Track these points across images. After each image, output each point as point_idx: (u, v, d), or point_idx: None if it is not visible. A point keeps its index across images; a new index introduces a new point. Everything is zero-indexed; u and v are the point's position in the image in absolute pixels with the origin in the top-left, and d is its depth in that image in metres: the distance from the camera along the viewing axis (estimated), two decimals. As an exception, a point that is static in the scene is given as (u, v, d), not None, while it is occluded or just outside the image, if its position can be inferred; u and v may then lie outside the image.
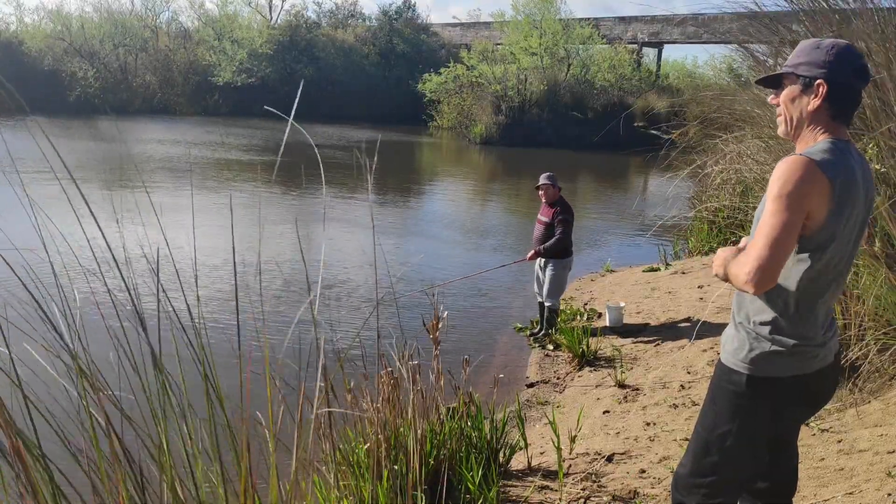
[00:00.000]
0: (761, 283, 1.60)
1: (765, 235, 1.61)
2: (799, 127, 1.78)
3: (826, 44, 1.74)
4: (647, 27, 30.95)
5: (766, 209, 1.64)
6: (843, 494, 2.68)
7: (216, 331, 5.06)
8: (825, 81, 1.71)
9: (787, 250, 1.62)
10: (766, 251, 1.59)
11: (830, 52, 1.71)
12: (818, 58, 1.73)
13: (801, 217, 1.62)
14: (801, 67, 1.76)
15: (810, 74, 1.73)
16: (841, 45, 1.73)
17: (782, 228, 1.59)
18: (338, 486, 2.46)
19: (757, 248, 1.61)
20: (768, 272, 1.59)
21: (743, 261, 1.65)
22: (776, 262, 1.59)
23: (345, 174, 14.55)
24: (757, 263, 1.59)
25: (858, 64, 1.71)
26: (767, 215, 1.63)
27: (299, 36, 34.47)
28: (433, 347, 2.90)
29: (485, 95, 26.58)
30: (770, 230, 1.60)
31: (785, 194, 1.61)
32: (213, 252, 7.90)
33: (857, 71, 1.71)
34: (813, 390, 1.84)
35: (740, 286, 1.67)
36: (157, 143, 20.14)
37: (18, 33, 33.06)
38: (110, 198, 10.50)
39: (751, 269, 1.60)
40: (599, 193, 16.62)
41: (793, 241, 1.62)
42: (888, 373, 3.57)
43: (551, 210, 5.89)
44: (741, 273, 1.63)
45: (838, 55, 1.71)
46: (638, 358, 5.38)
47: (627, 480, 3.13)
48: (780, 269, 1.61)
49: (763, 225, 1.63)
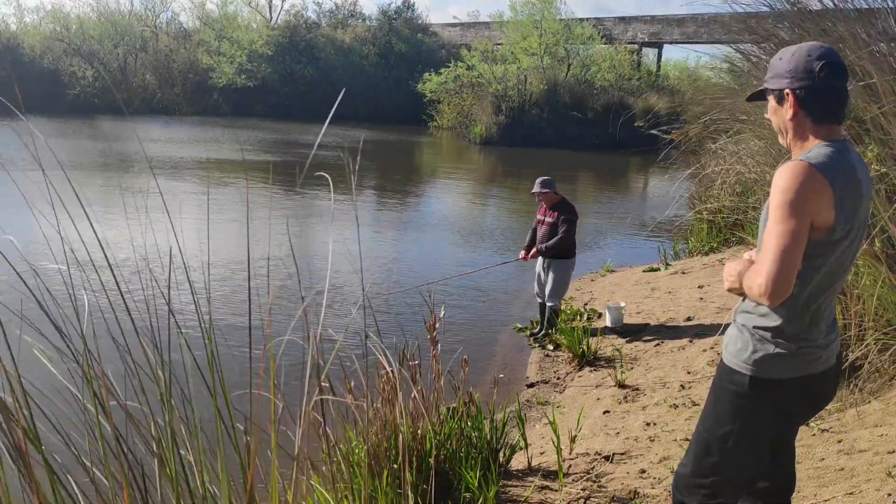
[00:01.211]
0: (777, 295, 1.59)
1: (773, 246, 1.60)
2: (789, 136, 1.79)
3: (788, 52, 1.75)
4: (647, 27, 30.94)
5: (771, 219, 1.63)
6: (843, 494, 2.68)
7: (217, 331, 5.05)
8: (791, 90, 1.72)
9: (797, 258, 1.61)
10: (777, 262, 1.58)
11: (791, 60, 1.72)
12: (781, 68, 1.74)
13: (807, 222, 1.61)
14: (771, 81, 1.78)
15: (779, 87, 1.75)
16: (802, 49, 1.72)
17: (789, 237, 1.59)
18: (336, 486, 2.46)
19: (767, 260, 1.60)
20: (782, 283, 1.58)
21: (755, 273, 1.63)
22: (788, 272, 1.59)
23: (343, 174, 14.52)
24: (770, 275, 1.58)
25: (824, 62, 1.68)
26: (773, 225, 1.62)
27: (299, 36, 34.46)
28: (431, 347, 2.90)
29: (485, 95, 26.59)
30: (777, 240, 1.59)
31: (787, 202, 1.60)
32: (214, 250, 7.89)
33: (824, 69, 1.68)
34: (815, 392, 1.84)
35: (756, 299, 1.66)
36: (168, 143, 20.12)
37: (18, 33, 33.05)
38: (122, 199, 10.50)
39: (764, 281, 1.59)
40: (599, 193, 16.62)
41: (801, 248, 1.61)
42: (888, 373, 3.57)
43: (555, 212, 5.87)
44: (755, 286, 1.62)
45: (798, 61, 1.70)
46: (638, 358, 5.38)
47: (627, 480, 3.13)
48: (793, 277, 1.60)
49: (770, 235, 1.62)
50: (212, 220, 8.80)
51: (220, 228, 9.09)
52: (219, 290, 6.75)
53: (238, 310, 6.12)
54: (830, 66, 1.68)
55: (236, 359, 1.59)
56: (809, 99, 1.70)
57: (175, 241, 1.65)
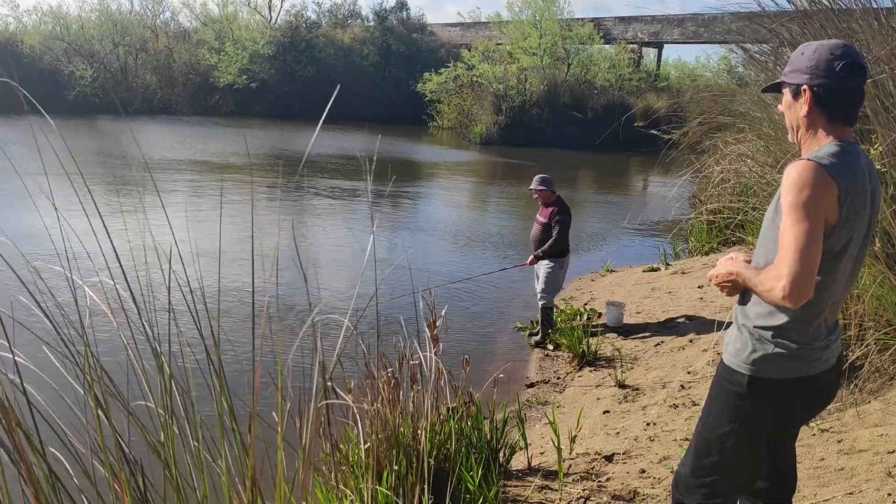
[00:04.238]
0: (800, 296, 1.58)
1: (792, 248, 1.58)
2: (800, 133, 1.78)
3: (810, 48, 1.73)
4: (647, 27, 30.92)
5: (785, 221, 1.61)
6: (843, 494, 2.68)
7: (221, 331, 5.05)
8: (808, 87, 1.70)
9: (817, 258, 1.59)
10: (798, 264, 1.56)
11: (812, 57, 1.70)
12: (802, 64, 1.73)
13: (822, 221, 1.60)
14: (790, 75, 1.76)
15: (797, 82, 1.74)
16: (824, 46, 1.70)
17: (807, 237, 1.57)
18: (338, 485, 2.46)
19: (787, 262, 1.58)
20: (804, 284, 1.57)
21: (775, 277, 1.61)
22: (809, 273, 1.57)
23: (344, 175, 14.52)
24: (791, 277, 1.56)
25: (844, 63, 1.66)
26: (788, 227, 1.60)
27: (299, 37, 34.47)
28: (431, 346, 2.90)
29: (485, 95, 26.59)
30: (795, 241, 1.57)
31: (802, 203, 1.59)
32: (211, 249, 7.88)
33: (844, 69, 1.66)
34: (814, 392, 1.84)
35: (777, 302, 1.63)
36: (175, 143, 20.11)
37: (17, 34, 33.03)
38: (119, 199, 10.50)
39: (786, 283, 1.57)
40: (599, 193, 16.61)
41: (819, 247, 1.59)
42: (888, 373, 3.57)
43: (548, 210, 5.92)
44: (777, 288, 1.60)
45: (819, 58, 1.69)
46: (638, 358, 5.38)
47: (627, 480, 3.13)
48: (814, 278, 1.58)
49: (786, 237, 1.60)
50: (214, 217, 8.78)
51: (226, 227, 9.07)
52: (225, 297, 6.75)
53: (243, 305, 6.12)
54: (851, 67, 1.67)
55: (241, 358, 1.59)
56: (826, 97, 1.69)
57: (182, 234, 1.65)
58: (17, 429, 1.30)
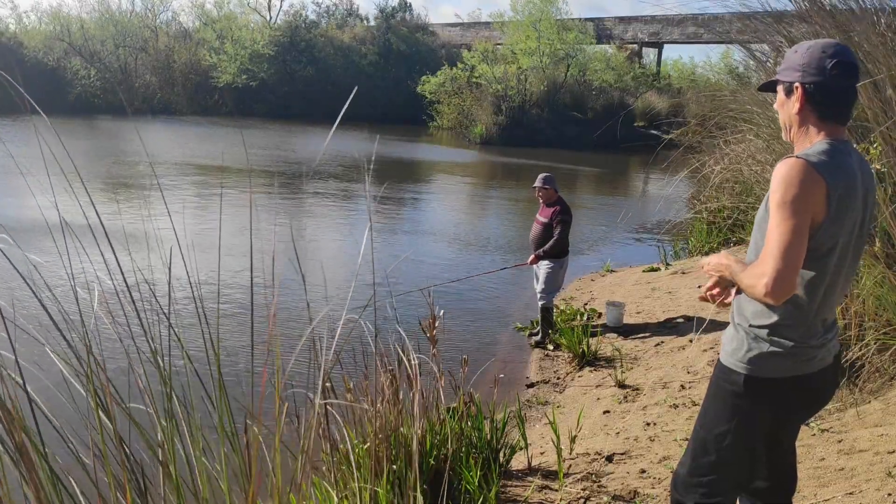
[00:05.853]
0: (781, 293, 1.59)
1: (776, 244, 1.59)
2: (792, 131, 1.79)
3: (803, 46, 1.74)
4: (647, 27, 30.95)
5: (772, 218, 1.62)
6: (843, 494, 2.68)
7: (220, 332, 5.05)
8: (800, 84, 1.71)
9: (801, 255, 1.60)
10: (780, 261, 1.57)
11: (805, 55, 1.71)
12: (795, 62, 1.74)
13: (808, 219, 1.61)
14: (783, 73, 1.78)
15: (790, 79, 1.75)
16: (817, 45, 1.71)
17: (792, 234, 1.58)
18: (337, 486, 2.46)
19: (771, 259, 1.59)
20: (787, 281, 1.58)
21: (758, 273, 1.62)
22: (792, 270, 1.58)
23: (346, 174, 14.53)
24: (774, 274, 1.58)
25: (837, 61, 1.67)
26: (774, 223, 1.61)
27: (299, 36, 34.47)
28: (430, 346, 2.90)
29: (485, 96, 26.59)
30: (780, 238, 1.59)
31: (788, 200, 1.60)
32: (212, 247, 7.88)
33: (836, 67, 1.67)
34: (812, 391, 1.84)
35: (760, 298, 1.65)
36: (175, 147, 20.11)
37: (17, 34, 33.03)
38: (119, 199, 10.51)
39: (769, 280, 1.58)
40: (599, 193, 16.62)
41: (804, 245, 1.60)
42: (888, 373, 3.58)
43: (550, 210, 5.92)
44: (759, 285, 1.61)
45: (812, 56, 1.70)
46: (638, 358, 5.39)
47: (627, 480, 3.13)
48: (796, 275, 1.60)
49: (772, 233, 1.61)
50: (213, 221, 8.79)
51: (225, 228, 9.08)
52: (225, 296, 6.75)
53: (243, 306, 6.12)
54: (843, 66, 1.68)
55: (241, 356, 1.59)
56: (817, 95, 1.70)
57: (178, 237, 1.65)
58: (19, 429, 1.30)
